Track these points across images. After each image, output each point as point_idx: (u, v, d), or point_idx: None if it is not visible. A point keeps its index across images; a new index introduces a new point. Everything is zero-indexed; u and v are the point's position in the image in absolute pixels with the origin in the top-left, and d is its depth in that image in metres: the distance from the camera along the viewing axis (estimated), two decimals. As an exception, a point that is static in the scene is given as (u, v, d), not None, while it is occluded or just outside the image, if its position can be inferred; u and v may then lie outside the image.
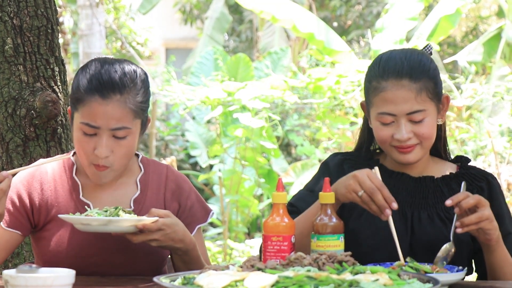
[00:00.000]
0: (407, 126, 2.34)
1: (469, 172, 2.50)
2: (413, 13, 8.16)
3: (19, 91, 3.11)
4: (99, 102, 2.26)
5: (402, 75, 2.34)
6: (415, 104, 2.33)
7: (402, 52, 2.40)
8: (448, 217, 2.41)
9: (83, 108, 2.28)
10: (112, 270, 2.35)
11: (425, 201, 2.45)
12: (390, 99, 2.34)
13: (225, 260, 7.36)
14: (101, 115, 2.26)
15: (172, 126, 11.69)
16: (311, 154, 8.55)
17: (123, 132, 2.28)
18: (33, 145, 3.12)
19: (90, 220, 2.16)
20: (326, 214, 2.18)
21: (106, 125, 2.27)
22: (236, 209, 8.12)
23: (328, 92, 7.55)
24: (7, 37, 3.12)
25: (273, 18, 7.88)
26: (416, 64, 2.36)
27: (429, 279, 1.89)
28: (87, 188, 2.40)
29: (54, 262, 2.32)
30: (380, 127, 2.38)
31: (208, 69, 10.61)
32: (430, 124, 2.37)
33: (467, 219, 2.22)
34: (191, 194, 2.47)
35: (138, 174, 2.45)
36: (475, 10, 14.33)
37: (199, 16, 15.82)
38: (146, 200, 2.41)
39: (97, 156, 2.28)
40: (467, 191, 2.29)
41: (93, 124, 2.27)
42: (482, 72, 11.28)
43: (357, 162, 2.50)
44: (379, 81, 2.36)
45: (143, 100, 2.33)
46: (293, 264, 1.95)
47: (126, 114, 2.28)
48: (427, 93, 2.34)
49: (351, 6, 14.73)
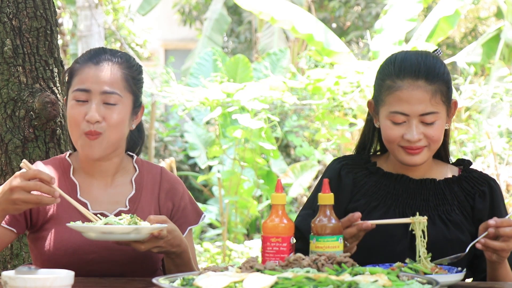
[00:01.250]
0: (418, 127, 2.35)
1: (471, 175, 2.51)
2: (412, 14, 8.17)
3: (18, 92, 3.11)
4: (92, 68, 2.36)
5: (419, 75, 2.35)
6: (429, 106, 2.34)
7: (418, 54, 2.41)
8: (449, 219, 2.42)
9: (76, 78, 2.38)
10: (110, 268, 2.36)
11: (426, 203, 2.45)
12: (405, 99, 2.34)
13: (224, 261, 7.36)
14: (92, 78, 2.34)
15: (171, 127, 11.68)
16: (310, 155, 8.55)
17: (114, 98, 2.34)
18: (32, 146, 3.11)
19: (112, 228, 2.15)
20: (325, 215, 2.18)
21: (97, 88, 2.33)
22: (235, 210, 8.12)
23: (327, 93, 7.56)
24: (6, 38, 3.12)
25: (272, 19, 7.89)
26: (432, 67, 2.37)
27: (429, 280, 1.88)
28: (84, 188, 2.42)
29: (53, 261, 2.33)
30: (391, 126, 2.38)
31: (207, 70, 10.61)
32: (440, 127, 2.38)
33: (493, 244, 2.23)
34: (184, 195, 2.50)
35: (133, 174, 2.47)
36: (474, 11, 14.33)
37: (198, 17, 15.82)
38: (141, 199, 2.44)
39: (89, 122, 2.32)
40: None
41: (84, 87, 2.34)
42: (481, 73, 11.29)
43: (354, 167, 2.51)
44: (395, 80, 2.36)
45: (136, 77, 2.41)
46: (292, 265, 1.95)
47: (116, 80, 2.36)
48: (441, 96, 2.35)
49: (350, 7, 14.73)
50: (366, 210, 2.44)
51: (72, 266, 2.18)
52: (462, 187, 2.49)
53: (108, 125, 2.34)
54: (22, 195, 2.14)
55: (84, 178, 2.42)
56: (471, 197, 2.48)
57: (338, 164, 2.53)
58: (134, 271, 2.38)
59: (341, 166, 2.52)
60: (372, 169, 2.50)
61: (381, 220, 2.31)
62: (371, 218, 2.33)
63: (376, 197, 2.47)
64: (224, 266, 1.98)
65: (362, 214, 2.38)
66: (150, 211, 2.43)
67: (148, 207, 2.42)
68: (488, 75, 9.89)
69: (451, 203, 2.46)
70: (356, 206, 2.46)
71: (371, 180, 2.49)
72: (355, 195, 2.49)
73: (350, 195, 2.49)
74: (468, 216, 2.46)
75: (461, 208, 2.46)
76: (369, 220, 2.27)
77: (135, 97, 2.41)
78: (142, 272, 2.38)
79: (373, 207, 2.46)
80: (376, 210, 2.45)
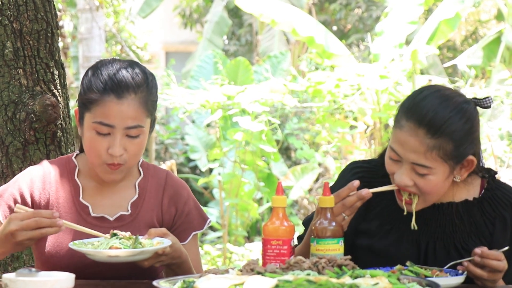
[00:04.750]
0: (409, 172, 2.25)
1: (494, 195, 2.38)
2: (413, 17, 8.16)
3: (19, 95, 3.11)
4: (114, 102, 2.30)
5: (421, 124, 2.21)
6: (421, 158, 2.22)
7: (439, 100, 2.23)
8: (465, 248, 2.33)
9: (96, 108, 2.31)
10: (111, 270, 2.36)
11: (442, 230, 2.35)
12: (401, 141, 2.24)
13: (225, 264, 7.36)
14: (116, 114, 2.30)
15: (172, 130, 11.68)
16: (311, 158, 8.55)
17: (137, 130, 2.32)
18: (33, 149, 3.11)
19: (119, 252, 2.16)
20: (325, 218, 2.18)
21: (121, 124, 2.30)
22: (236, 213, 8.11)
23: (327, 95, 7.55)
24: (7, 41, 3.12)
25: (272, 22, 7.89)
26: (441, 120, 2.21)
27: (429, 283, 1.88)
28: (87, 191, 2.42)
29: (52, 263, 2.34)
30: (388, 160, 2.30)
31: (207, 72, 10.61)
32: (433, 182, 2.24)
33: (474, 270, 2.16)
34: (189, 200, 2.48)
35: (137, 178, 2.47)
36: (475, 14, 14.34)
37: (198, 19, 15.82)
38: (144, 204, 2.43)
39: (112, 155, 2.31)
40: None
41: (108, 122, 2.30)
42: (482, 76, 11.28)
43: (370, 180, 2.37)
44: (402, 117, 2.26)
45: (155, 99, 2.39)
46: (292, 268, 1.94)
47: (140, 113, 2.32)
48: (439, 153, 2.21)
49: (350, 10, 14.73)
50: (379, 235, 2.37)
51: (71, 268, 2.20)
52: (482, 210, 2.36)
53: (129, 156, 2.34)
54: (25, 235, 2.16)
55: (88, 181, 2.43)
56: (490, 221, 2.35)
57: (352, 176, 2.41)
58: (136, 273, 2.38)
59: (355, 179, 2.36)
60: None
61: (379, 188, 2.26)
62: (383, 246, 2.30)
63: (389, 220, 2.38)
64: (225, 268, 1.97)
65: (375, 238, 2.34)
66: (152, 216, 2.42)
67: (150, 212, 2.42)
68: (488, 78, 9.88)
69: (469, 230, 2.35)
70: (370, 228, 2.38)
71: (386, 199, 2.37)
72: (368, 213, 2.38)
73: (364, 212, 2.38)
74: (486, 242, 2.33)
75: (479, 234, 2.35)
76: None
77: (153, 117, 2.40)
78: (145, 274, 2.38)
79: (386, 232, 2.37)
80: (390, 235, 2.36)
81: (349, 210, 2.23)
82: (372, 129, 7.89)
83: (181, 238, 2.43)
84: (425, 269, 2.19)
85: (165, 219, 2.44)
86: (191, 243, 2.44)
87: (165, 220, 2.43)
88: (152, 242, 2.21)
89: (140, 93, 2.33)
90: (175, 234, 2.37)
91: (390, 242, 2.35)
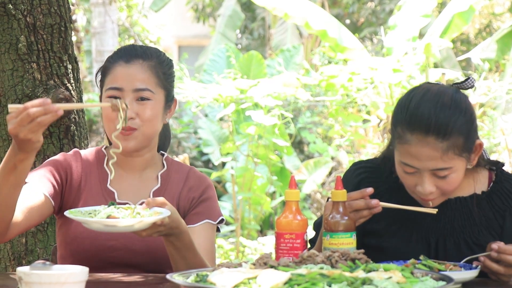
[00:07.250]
0: (430, 180, 2.23)
1: (503, 187, 2.36)
2: (426, 10, 8.14)
3: (33, 89, 3.12)
4: (122, 65, 2.40)
5: (429, 132, 2.18)
6: (440, 162, 2.20)
7: (433, 103, 2.21)
8: (476, 243, 2.31)
9: (108, 77, 2.41)
10: (130, 256, 2.40)
11: (451, 226, 2.33)
12: (414, 154, 2.20)
13: (238, 258, 7.37)
14: (124, 76, 2.38)
15: (185, 124, 11.70)
16: (324, 152, 8.54)
17: (146, 93, 2.38)
18: (47, 143, 3.13)
19: (116, 222, 2.15)
20: (338, 212, 2.18)
21: (129, 86, 2.37)
22: (249, 207, 8.12)
23: (340, 89, 7.55)
24: (21, 35, 3.13)
25: (285, 15, 7.88)
26: (445, 121, 2.19)
27: (443, 277, 1.88)
28: (114, 178, 2.49)
29: (75, 244, 2.40)
30: (403, 174, 2.27)
31: (220, 66, 10.61)
32: (456, 178, 2.24)
33: (491, 265, 2.16)
34: (208, 189, 2.51)
35: (161, 169, 2.53)
36: (489, 7, 14.27)
37: (211, 13, 15.82)
38: (165, 193, 2.48)
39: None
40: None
41: (117, 85, 2.38)
42: (496, 69, 11.23)
43: (375, 180, 2.37)
44: (405, 131, 2.22)
45: (167, 72, 2.45)
46: (306, 261, 1.94)
47: (149, 77, 2.40)
48: (455, 150, 2.20)
49: (363, 3, 14.69)
50: (386, 235, 2.36)
51: (92, 252, 2.32)
52: (491, 203, 2.35)
53: (142, 121, 2.39)
54: (25, 130, 2.06)
55: (116, 170, 2.47)
56: (500, 214, 2.33)
57: (356, 177, 2.41)
58: (154, 262, 2.41)
59: (360, 180, 2.38)
60: (394, 186, 2.36)
61: (394, 205, 2.24)
62: (392, 244, 2.29)
63: (397, 220, 2.35)
64: (238, 262, 1.98)
65: (382, 239, 2.33)
66: (172, 204, 2.43)
67: (170, 201, 2.43)
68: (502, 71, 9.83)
69: (479, 223, 2.33)
70: (377, 229, 2.36)
71: (393, 198, 2.33)
72: (375, 214, 2.31)
73: None
74: (497, 235, 2.31)
75: (489, 227, 2.33)
76: (381, 203, 2.21)
77: (167, 92, 2.45)
78: (163, 263, 2.40)
79: (393, 232, 2.35)
80: (398, 236, 2.35)
81: (354, 214, 2.22)
82: (385, 123, 7.88)
83: (192, 220, 2.45)
84: (439, 263, 2.18)
85: (182, 205, 2.47)
86: (202, 230, 2.45)
87: (182, 207, 2.47)
88: (150, 212, 2.20)
89: (150, 61, 2.42)
90: (188, 218, 2.43)
91: (399, 241, 2.34)
